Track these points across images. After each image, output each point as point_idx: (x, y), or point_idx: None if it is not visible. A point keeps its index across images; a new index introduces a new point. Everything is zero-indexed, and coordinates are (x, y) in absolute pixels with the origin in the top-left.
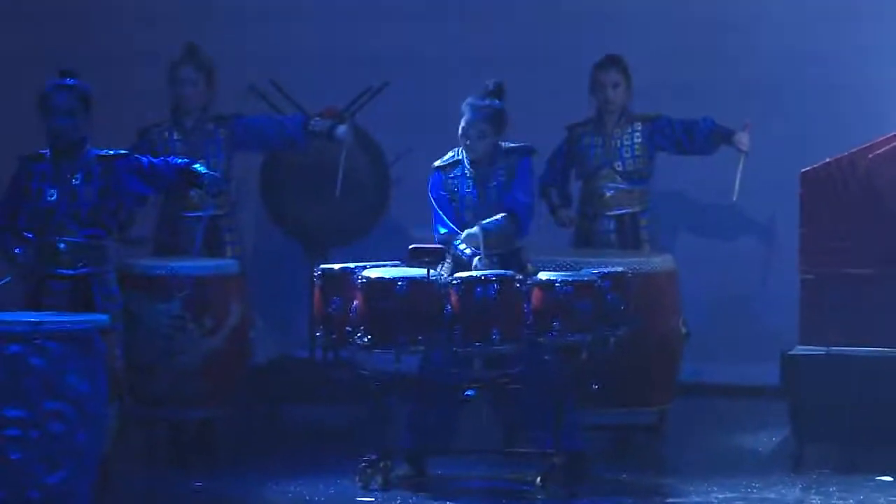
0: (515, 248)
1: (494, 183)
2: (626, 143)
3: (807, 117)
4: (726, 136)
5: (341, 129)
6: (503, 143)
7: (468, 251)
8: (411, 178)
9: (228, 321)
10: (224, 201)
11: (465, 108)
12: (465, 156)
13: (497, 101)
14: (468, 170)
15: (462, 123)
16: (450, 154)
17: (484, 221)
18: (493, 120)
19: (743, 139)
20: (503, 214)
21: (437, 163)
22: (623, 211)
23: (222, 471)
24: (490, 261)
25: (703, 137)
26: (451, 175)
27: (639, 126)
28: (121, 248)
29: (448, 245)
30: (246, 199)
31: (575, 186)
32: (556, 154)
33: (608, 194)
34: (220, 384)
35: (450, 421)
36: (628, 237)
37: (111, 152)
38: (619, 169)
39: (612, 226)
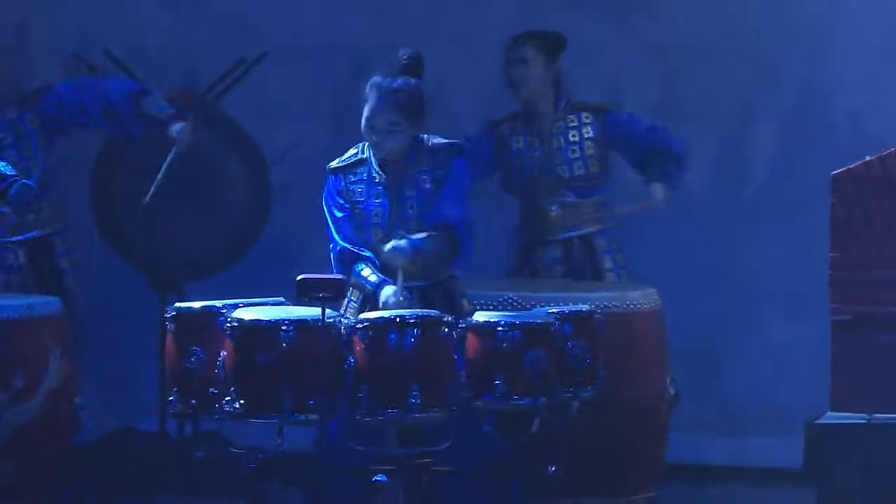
0: (445, 277)
1: (413, 193)
2: (572, 139)
3: (842, 101)
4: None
5: (177, 128)
6: (426, 138)
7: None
8: (300, 183)
9: (45, 381)
10: (50, 215)
11: (369, 90)
12: (371, 154)
13: (413, 81)
14: (377, 173)
15: (366, 112)
16: (351, 152)
17: (414, 236)
18: (409, 106)
19: (657, 192)
20: (429, 233)
21: (333, 163)
22: (571, 234)
23: None
24: (407, 295)
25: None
26: (353, 179)
27: (588, 117)
28: None
29: (349, 269)
30: (74, 212)
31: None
32: (477, 151)
33: (553, 212)
34: (35, 467)
35: None
36: (584, 267)
37: None
38: (565, 175)
39: (557, 254)
